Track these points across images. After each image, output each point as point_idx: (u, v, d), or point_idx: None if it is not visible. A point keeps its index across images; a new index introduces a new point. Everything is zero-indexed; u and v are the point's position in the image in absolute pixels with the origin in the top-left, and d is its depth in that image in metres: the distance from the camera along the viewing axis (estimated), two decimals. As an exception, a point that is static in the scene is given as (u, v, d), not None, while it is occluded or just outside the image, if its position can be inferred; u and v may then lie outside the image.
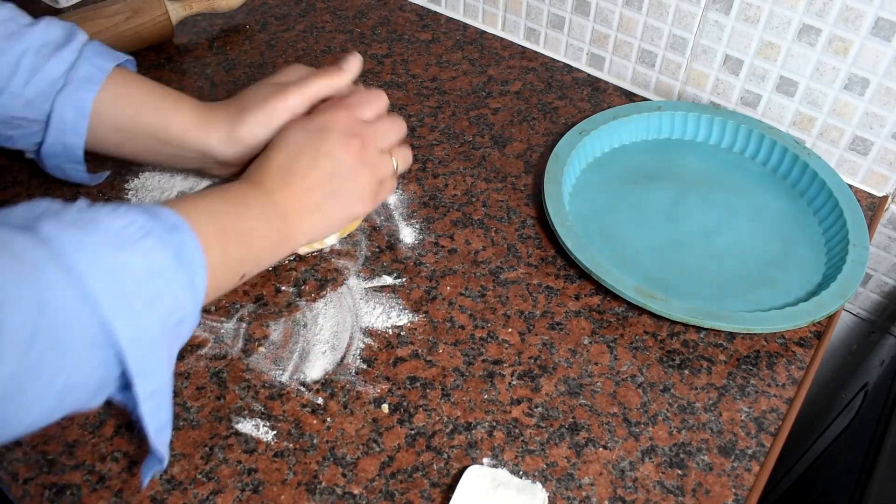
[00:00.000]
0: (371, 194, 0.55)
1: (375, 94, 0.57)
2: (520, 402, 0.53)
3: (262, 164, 0.53)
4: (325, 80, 0.57)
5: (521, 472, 0.49)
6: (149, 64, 0.79)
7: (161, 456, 0.43)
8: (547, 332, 0.57)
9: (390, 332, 0.56)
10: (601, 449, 0.51)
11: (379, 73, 0.79)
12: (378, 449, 0.50)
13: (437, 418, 0.52)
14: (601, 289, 0.60)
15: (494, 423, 0.51)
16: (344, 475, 0.48)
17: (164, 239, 0.41)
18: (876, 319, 0.81)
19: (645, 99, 0.78)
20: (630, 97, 0.78)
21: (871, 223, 0.67)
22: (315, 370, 0.54)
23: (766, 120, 0.74)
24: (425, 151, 0.71)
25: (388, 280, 0.60)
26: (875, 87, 0.66)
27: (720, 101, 0.76)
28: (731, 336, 0.58)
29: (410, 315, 0.58)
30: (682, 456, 0.50)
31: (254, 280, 0.59)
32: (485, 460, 0.50)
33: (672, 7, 0.72)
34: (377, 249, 0.62)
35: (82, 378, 0.37)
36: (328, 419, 0.51)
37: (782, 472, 0.85)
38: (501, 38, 0.85)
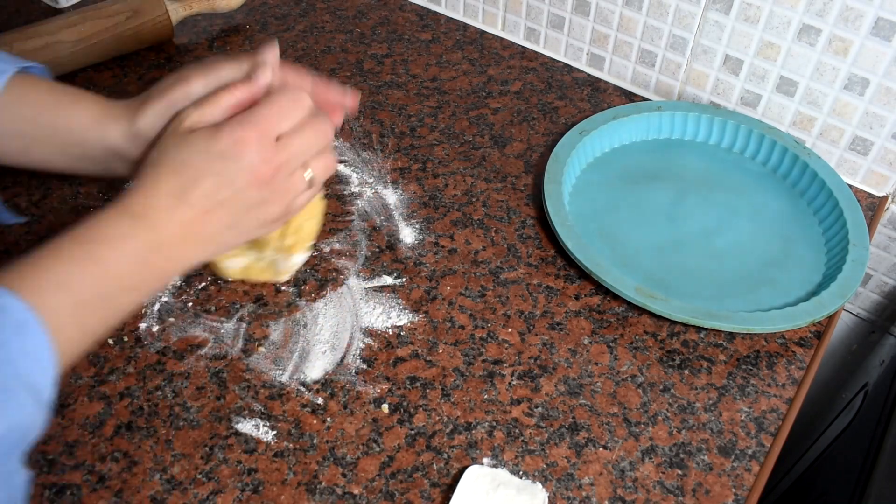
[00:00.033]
0: (274, 219, 0.50)
1: (294, 99, 0.49)
2: (520, 402, 0.53)
3: (152, 185, 0.45)
4: (234, 67, 0.51)
5: (521, 472, 0.49)
6: (149, 64, 0.79)
7: None
8: (547, 332, 0.57)
9: (390, 332, 0.56)
10: (601, 449, 0.51)
11: (379, 73, 0.79)
12: (378, 449, 0.50)
13: (437, 418, 0.52)
14: (601, 289, 0.60)
15: (494, 423, 0.51)
16: (344, 475, 0.48)
17: (5, 351, 0.37)
18: (876, 319, 0.81)
19: (645, 99, 0.78)
20: (630, 97, 0.78)
21: (871, 223, 0.67)
22: (315, 370, 0.54)
23: (766, 120, 0.74)
24: (425, 151, 0.71)
25: (388, 280, 0.60)
26: (875, 87, 0.66)
27: (720, 101, 0.76)
28: (731, 336, 0.58)
29: (410, 315, 0.58)
30: (682, 456, 0.50)
31: (254, 280, 0.59)
32: (485, 460, 0.50)
33: (672, 7, 0.72)
34: (377, 249, 0.62)
35: None
36: (328, 419, 0.51)
37: (782, 472, 0.85)
38: (501, 38, 0.85)
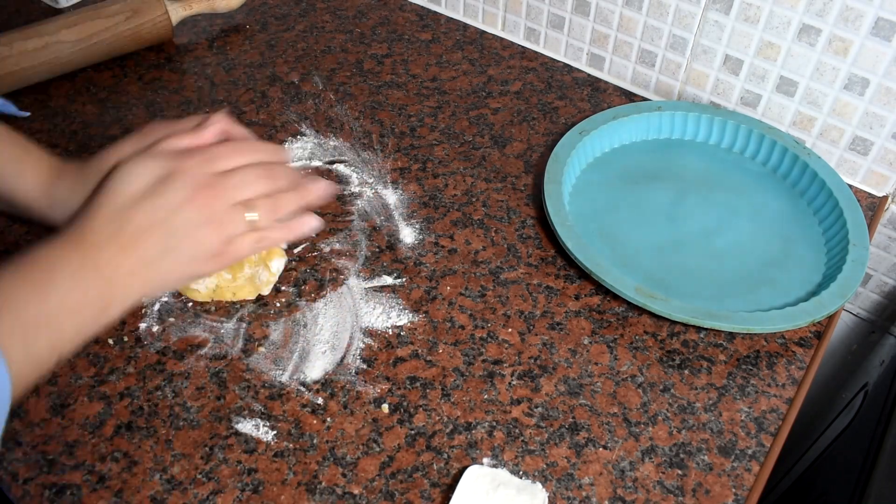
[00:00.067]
0: (214, 253, 0.48)
1: (244, 147, 0.50)
2: (520, 402, 0.53)
3: (90, 209, 0.46)
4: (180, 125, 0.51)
5: (521, 472, 0.49)
6: (149, 64, 0.79)
7: None
8: (547, 332, 0.57)
9: (390, 332, 0.56)
10: (601, 449, 0.51)
11: (379, 73, 0.79)
12: (378, 449, 0.50)
13: (437, 418, 0.52)
14: (601, 289, 0.60)
15: (494, 423, 0.51)
16: (344, 475, 0.48)
17: None
18: (876, 319, 0.81)
19: (645, 99, 0.78)
20: (630, 97, 0.78)
21: (871, 223, 0.67)
22: (315, 370, 0.54)
23: (766, 120, 0.74)
24: (425, 151, 0.71)
25: (388, 280, 0.60)
26: (875, 87, 0.66)
27: (720, 101, 0.76)
28: (731, 336, 0.58)
29: (410, 315, 0.58)
30: (682, 456, 0.50)
31: (254, 280, 0.59)
32: (485, 460, 0.50)
33: (672, 7, 0.72)
34: (377, 249, 0.62)
35: None
36: (328, 419, 0.51)
37: (782, 472, 0.85)
38: (501, 38, 0.85)
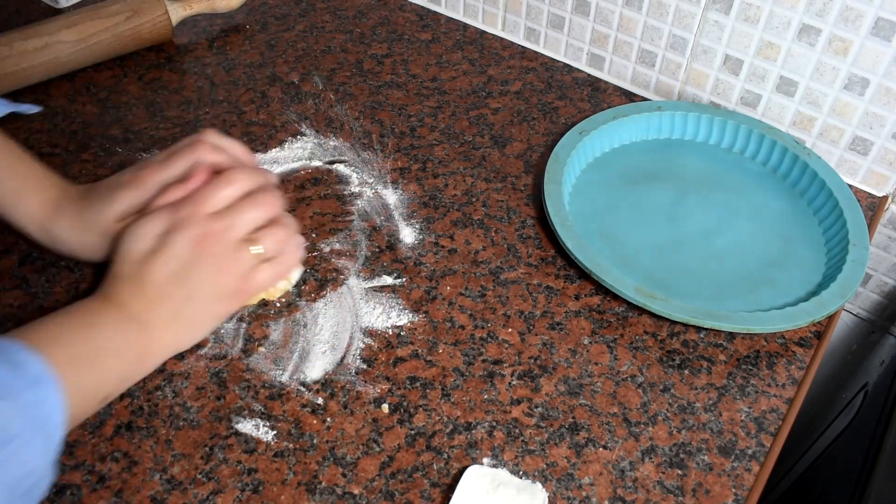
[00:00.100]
0: (233, 291, 0.51)
1: (227, 178, 0.52)
2: (520, 402, 0.53)
3: (110, 276, 0.50)
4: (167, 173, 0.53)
5: (521, 472, 0.49)
6: (149, 64, 0.79)
7: None
8: (547, 332, 0.57)
9: (390, 332, 0.56)
10: (601, 449, 0.51)
11: (379, 73, 0.80)
12: (378, 449, 0.50)
13: (437, 418, 0.52)
14: (601, 289, 0.60)
15: (494, 423, 0.51)
16: (344, 475, 0.48)
17: (21, 400, 0.39)
18: (876, 319, 0.81)
19: (645, 99, 0.78)
20: (630, 97, 0.78)
21: (871, 223, 0.67)
22: (315, 370, 0.54)
23: (766, 120, 0.74)
24: (425, 151, 0.71)
25: (388, 280, 0.60)
26: (875, 87, 0.66)
27: (720, 101, 0.76)
28: (731, 336, 0.58)
29: (410, 315, 0.58)
30: (682, 456, 0.50)
31: (254, 280, 0.59)
32: (485, 460, 0.50)
33: (672, 7, 0.72)
34: (377, 249, 0.62)
35: None
36: (328, 419, 0.51)
37: (782, 472, 0.85)
38: (501, 38, 0.85)
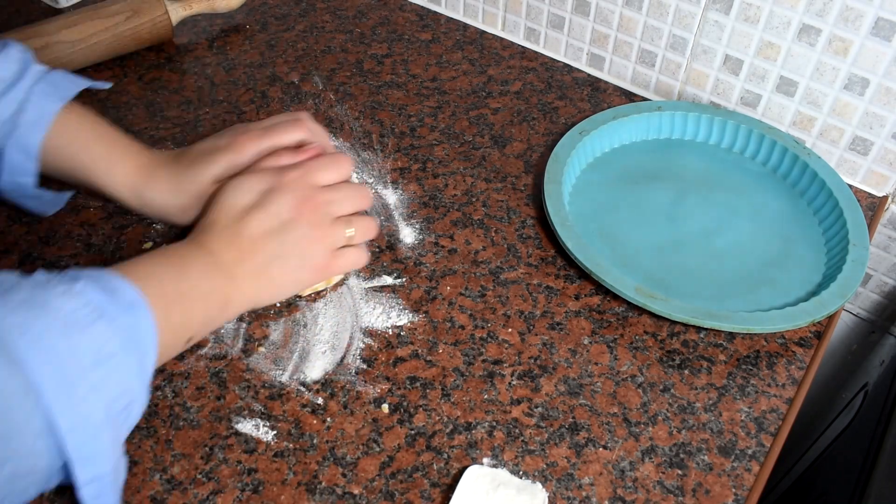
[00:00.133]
0: (321, 264, 0.52)
1: (338, 160, 0.55)
2: (520, 402, 0.53)
3: (206, 222, 0.51)
4: (258, 143, 0.55)
5: (521, 472, 0.49)
6: (149, 64, 0.79)
7: None
8: (547, 332, 0.57)
9: (390, 332, 0.56)
10: (601, 449, 0.51)
11: (379, 73, 0.79)
12: (378, 449, 0.50)
13: (437, 418, 0.52)
14: (601, 289, 0.60)
15: (494, 423, 0.51)
16: (344, 475, 0.48)
17: (118, 322, 0.40)
18: (876, 319, 0.81)
19: (645, 99, 0.78)
20: (630, 97, 0.78)
21: (871, 223, 0.67)
22: (315, 370, 0.54)
23: (766, 120, 0.74)
24: (425, 151, 0.71)
25: (388, 280, 0.60)
26: (875, 87, 0.66)
27: (720, 101, 0.76)
28: (731, 336, 0.58)
29: (410, 315, 0.58)
30: (682, 456, 0.50)
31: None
32: (485, 460, 0.50)
33: (672, 7, 0.72)
34: (377, 249, 0.62)
35: (28, 467, 0.36)
36: (328, 419, 0.51)
37: (782, 472, 0.85)
38: (501, 38, 0.85)
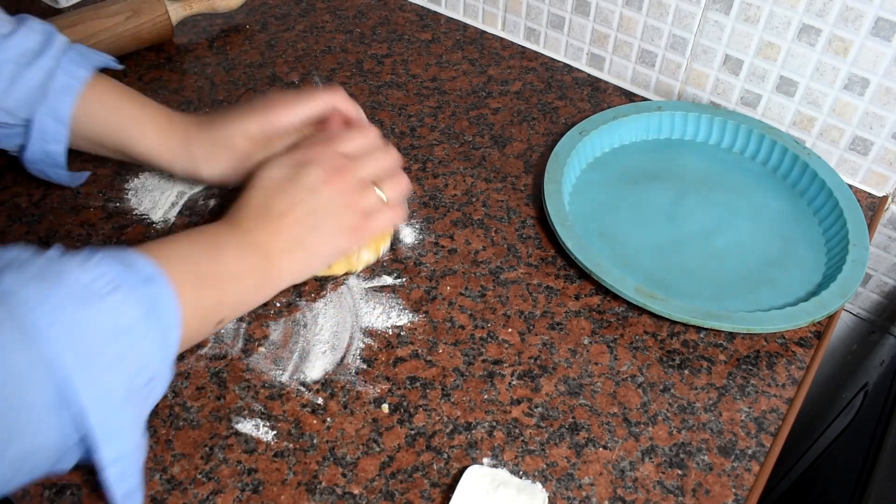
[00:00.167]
0: (355, 228, 0.53)
1: (361, 130, 0.57)
2: (520, 402, 0.53)
3: (239, 202, 0.51)
4: (288, 109, 0.57)
5: (521, 472, 0.49)
6: (149, 64, 0.79)
7: None
8: (547, 332, 0.57)
9: (390, 332, 0.56)
10: (601, 449, 0.51)
11: (379, 73, 0.79)
12: (378, 449, 0.50)
13: (437, 418, 0.52)
14: (601, 289, 0.60)
15: (494, 423, 0.51)
16: (344, 475, 0.48)
17: (136, 293, 0.39)
18: (876, 319, 0.81)
19: (645, 99, 0.78)
20: (630, 97, 0.78)
21: (871, 223, 0.67)
22: (315, 370, 0.54)
23: (766, 120, 0.74)
24: (425, 151, 0.71)
25: (388, 280, 0.60)
26: (875, 87, 0.66)
27: (720, 101, 0.76)
28: (731, 336, 0.58)
29: (410, 315, 0.58)
30: (682, 456, 0.50)
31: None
32: (485, 460, 0.50)
33: (672, 7, 0.72)
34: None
35: (38, 444, 0.35)
36: (328, 419, 0.51)
37: (782, 472, 0.85)
38: (501, 38, 0.85)
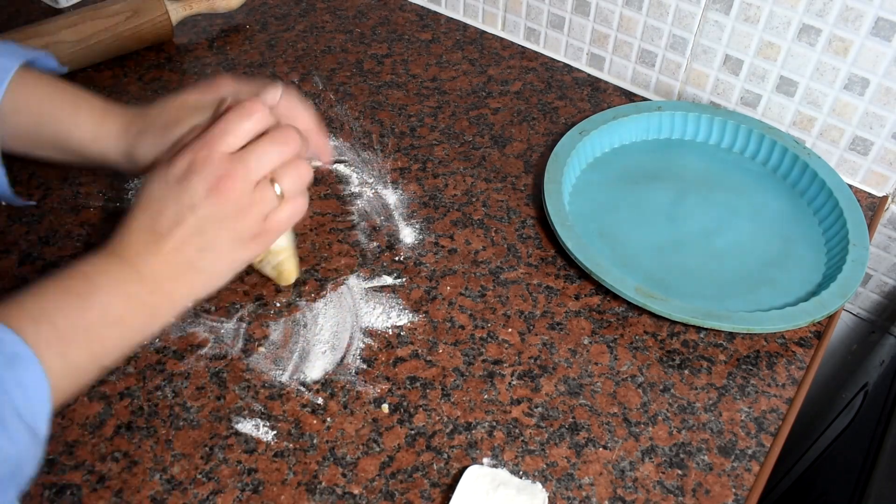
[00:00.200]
0: (254, 235, 0.48)
1: (242, 113, 0.48)
2: (520, 402, 0.53)
3: (123, 226, 0.47)
4: (234, 90, 0.52)
5: (521, 472, 0.49)
6: (149, 64, 0.79)
7: None
8: (547, 332, 0.57)
9: (390, 332, 0.56)
10: (601, 449, 0.51)
11: (379, 73, 0.79)
12: (378, 449, 0.50)
13: (437, 418, 0.52)
14: (601, 289, 0.60)
15: (494, 423, 0.51)
16: (344, 475, 0.48)
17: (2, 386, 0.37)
18: (876, 319, 0.81)
19: (645, 99, 0.78)
20: (630, 97, 0.78)
21: (871, 223, 0.67)
22: (315, 370, 0.54)
23: (766, 120, 0.74)
24: (425, 151, 0.71)
25: (388, 280, 0.60)
26: (875, 87, 0.66)
27: (720, 101, 0.76)
28: (731, 336, 0.58)
29: (410, 315, 0.58)
30: (682, 456, 0.50)
31: (254, 280, 0.59)
32: (485, 460, 0.50)
33: (672, 7, 0.72)
34: (377, 249, 0.62)
35: None
36: (328, 419, 0.51)
37: (782, 472, 0.85)
38: (501, 38, 0.85)
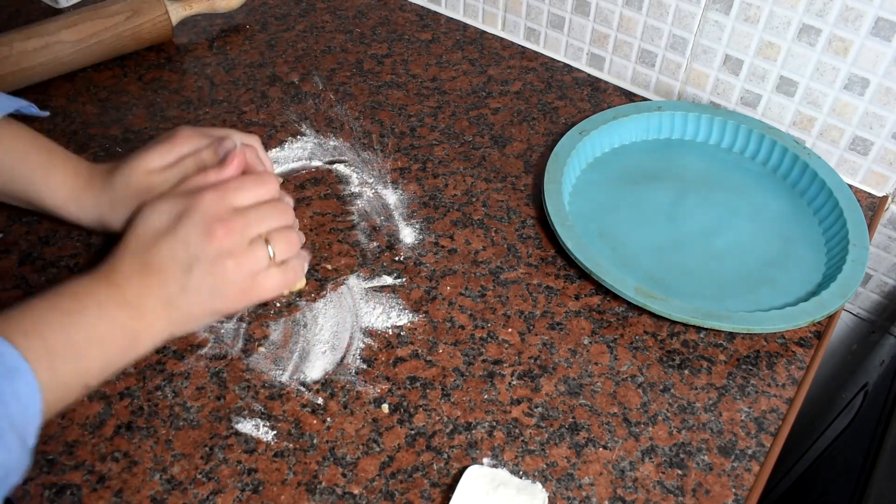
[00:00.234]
0: (239, 290, 0.48)
1: (259, 179, 0.50)
2: (520, 402, 0.53)
3: (116, 250, 0.47)
4: (207, 176, 0.51)
5: (521, 472, 0.49)
6: (149, 64, 0.79)
7: None
8: (547, 332, 0.57)
9: (390, 332, 0.56)
10: (601, 449, 0.51)
11: (379, 73, 0.79)
12: (378, 449, 0.50)
13: (437, 418, 0.52)
14: (601, 289, 0.60)
15: (494, 423, 0.51)
16: (344, 475, 0.48)
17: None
18: (876, 319, 0.81)
19: (645, 99, 0.78)
20: (630, 97, 0.78)
21: (871, 223, 0.67)
22: (315, 370, 0.54)
23: (766, 120, 0.74)
24: (425, 151, 0.71)
25: (388, 280, 0.60)
26: (875, 87, 0.66)
27: (720, 101, 0.76)
28: (731, 336, 0.58)
29: (410, 315, 0.58)
30: (682, 456, 0.50)
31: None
32: (485, 460, 0.50)
33: (672, 7, 0.72)
34: (377, 249, 0.62)
35: None
36: (328, 419, 0.51)
37: (782, 472, 0.85)
38: (501, 38, 0.85)
